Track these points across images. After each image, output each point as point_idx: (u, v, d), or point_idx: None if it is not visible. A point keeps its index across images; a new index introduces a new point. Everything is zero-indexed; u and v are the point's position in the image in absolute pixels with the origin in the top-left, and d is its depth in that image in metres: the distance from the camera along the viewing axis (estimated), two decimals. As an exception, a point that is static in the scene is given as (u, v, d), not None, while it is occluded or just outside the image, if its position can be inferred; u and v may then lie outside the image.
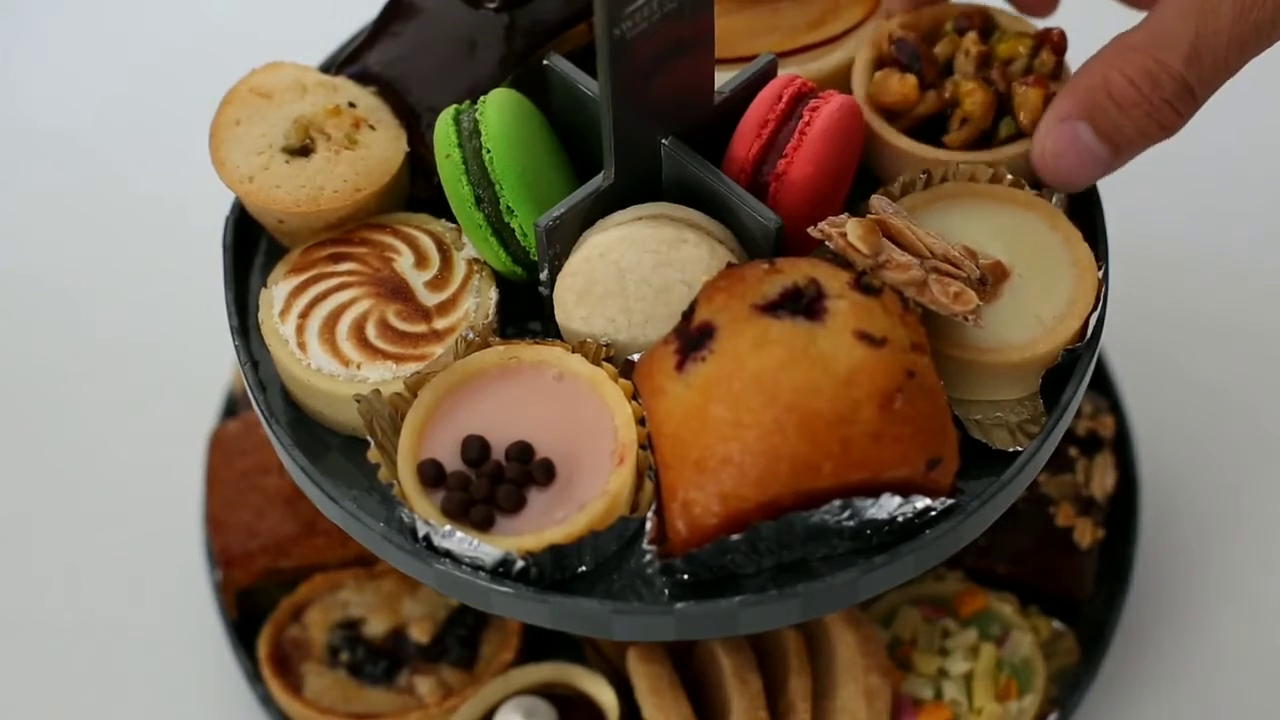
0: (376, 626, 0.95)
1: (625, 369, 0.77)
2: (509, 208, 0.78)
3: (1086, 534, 0.95)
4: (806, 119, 0.77)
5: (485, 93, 0.81)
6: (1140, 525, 1.00)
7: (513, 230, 0.79)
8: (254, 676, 0.96)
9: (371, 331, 0.79)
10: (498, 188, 0.78)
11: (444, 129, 0.79)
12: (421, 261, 0.81)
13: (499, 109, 0.78)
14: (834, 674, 0.88)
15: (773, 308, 0.72)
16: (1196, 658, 0.99)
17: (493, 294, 0.81)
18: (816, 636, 0.90)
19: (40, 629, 1.02)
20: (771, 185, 0.77)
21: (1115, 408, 1.03)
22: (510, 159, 0.78)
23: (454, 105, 0.80)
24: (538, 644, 0.94)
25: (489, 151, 0.78)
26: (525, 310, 0.83)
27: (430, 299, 0.80)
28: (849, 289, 0.73)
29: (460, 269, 0.81)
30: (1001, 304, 0.78)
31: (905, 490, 0.72)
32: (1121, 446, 1.02)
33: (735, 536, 0.71)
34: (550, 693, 0.92)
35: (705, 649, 0.90)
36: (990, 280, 0.78)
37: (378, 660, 0.94)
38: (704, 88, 0.78)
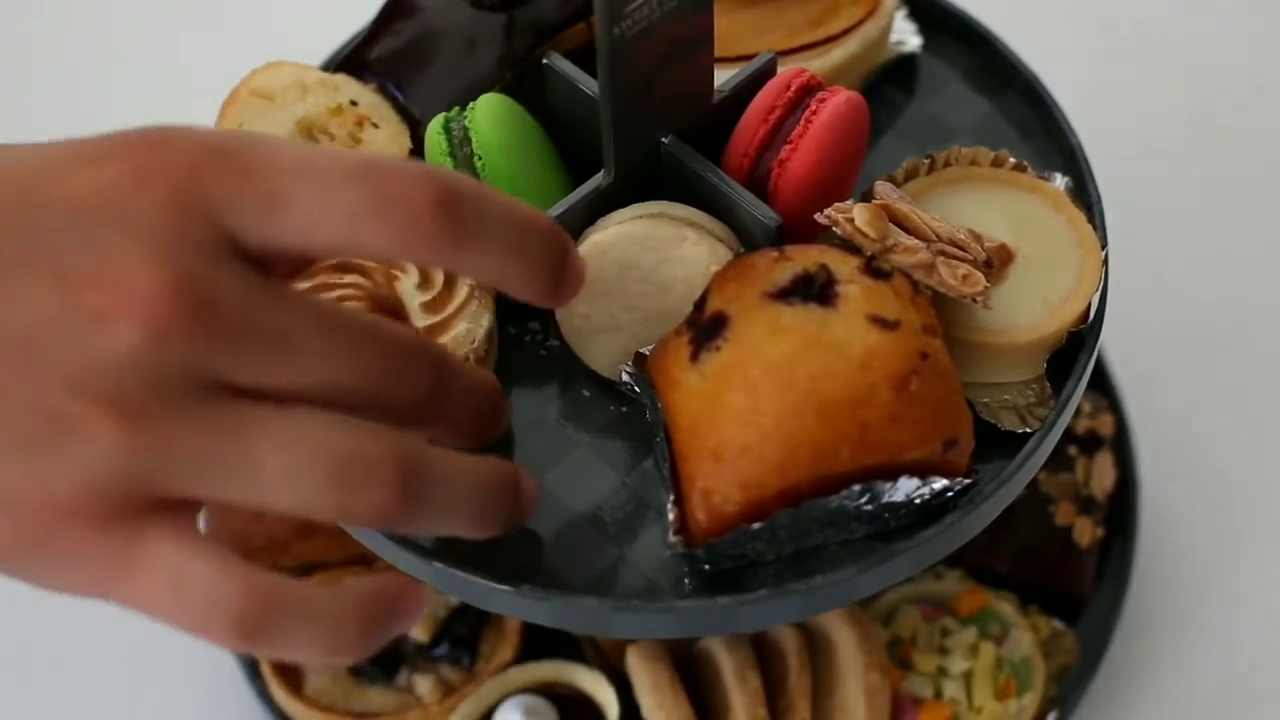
0: (376, 625, 0.95)
1: (637, 360, 0.77)
2: None
3: (1086, 533, 0.95)
4: (813, 108, 0.77)
5: (486, 91, 0.81)
6: (1140, 524, 1.00)
7: None
8: (254, 674, 0.96)
9: None
10: None
11: (434, 137, 0.79)
12: (425, 282, 0.81)
13: (489, 115, 0.78)
14: (834, 672, 0.88)
15: (784, 294, 0.73)
16: (1196, 657, 0.99)
17: (486, 321, 0.80)
18: (816, 635, 0.90)
19: (39, 627, 1.02)
20: (774, 172, 0.77)
21: (1115, 407, 1.03)
22: (502, 165, 0.78)
23: (443, 113, 0.80)
24: (538, 643, 0.95)
25: (480, 159, 0.78)
26: (526, 309, 0.83)
27: (422, 320, 0.80)
28: (859, 274, 0.73)
29: (461, 293, 0.81)
30: (1007, 286, 0.78)
31: (923, 472, 0.73)
32: (1121, 445, 1.02)
33: (756, 525, 0.72)
34: (550, 691, 0.92)
35: (705, 648, 0.90)
36: (996, 263, 0.78)
37: (377, 659, 0.94)
38: (704, 86, 0.78)
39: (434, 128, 0.79)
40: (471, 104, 0.79)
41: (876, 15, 0.88)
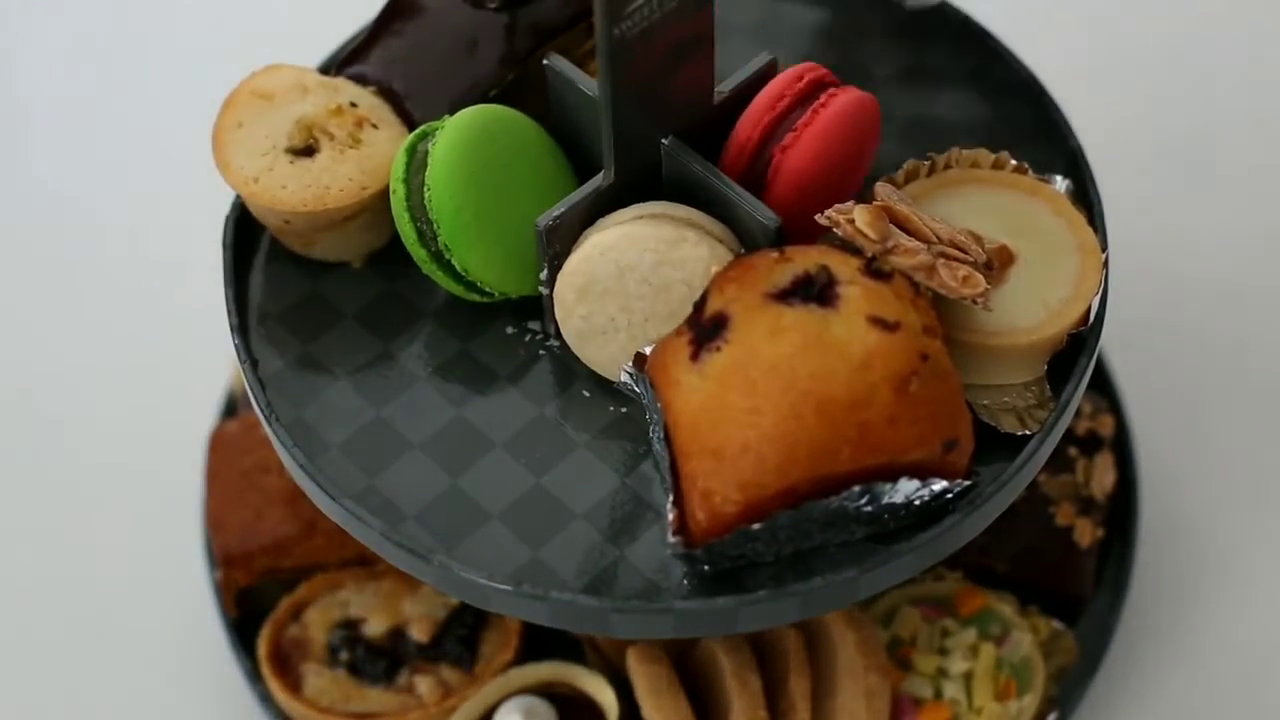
0: (376, 626, 0.95)
1: (637, 360, 0.77)
2: (446, 245, 0.78)
3: (1086, 533, 0.95)
4: (823, 101, 0.77)
5: (487, 91, 0.80)
6: (1140, 525, 1.00)
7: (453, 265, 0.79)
8: (254, 676, 0.96)
9: None
10: (435, 226, 0.78)
11: (398, 159, 0.79)
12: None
13: (448, 142, 0.78)
14: (834, 673, 0.88)
15: (785, 295, 0.73)
16: (1196, 657, 0.99)
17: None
18: (816, 636, 0.90)
19: (39, 628, 1.03)
20: (775, 158, 0.77)
21: (1115, 407, 1.03)
22: (447, 198, 0.78)
23: (424, 125, 0.80)
24: (537, 644, 0.95)
25: (429, 188, 0.78)
26: (525, 309, 0.83)
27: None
28: (860, 275, 0.73)
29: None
30: (1007, 288, 0.78)
31: (922, 473, 0.73)
32: (1121, 446, 1.02)
33: (755, 525, 0.72)
34: (550, 692, 0.92)
35: (705, 649, 0.90)
36: (997, 265, 0.78)
37: (377, 660, 0.94)
38: (704, 87, 0.78)
39: (406, 143, 0.79)
40: (444, 124, 0.79)
41: None
